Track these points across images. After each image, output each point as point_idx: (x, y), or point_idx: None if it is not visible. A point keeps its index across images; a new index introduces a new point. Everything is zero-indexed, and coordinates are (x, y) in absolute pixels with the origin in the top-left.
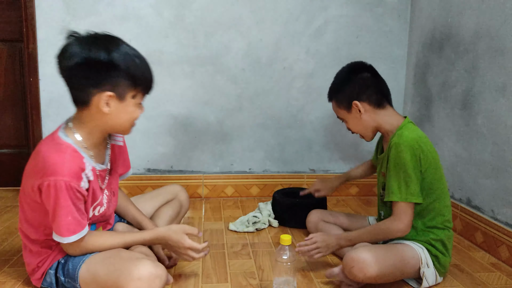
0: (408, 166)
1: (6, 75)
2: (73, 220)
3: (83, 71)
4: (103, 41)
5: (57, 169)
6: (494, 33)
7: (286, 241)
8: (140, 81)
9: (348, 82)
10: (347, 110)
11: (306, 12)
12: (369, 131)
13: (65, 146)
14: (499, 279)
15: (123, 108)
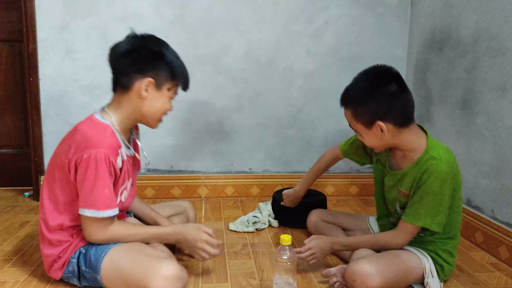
0: (444, 197)
1: (6, 75)
2: (110, 194)
3: (132, 57)
4: (154, 37)
5: (98, 142)
6: (494, 33)
7: (286, 241)
8: (178, 76)
9: (372, 96)
10: (366, 126)
11: (306, 12)
12: (384, 147)
13: (105, 125)
14: (499, 279)
15: (158, 97)
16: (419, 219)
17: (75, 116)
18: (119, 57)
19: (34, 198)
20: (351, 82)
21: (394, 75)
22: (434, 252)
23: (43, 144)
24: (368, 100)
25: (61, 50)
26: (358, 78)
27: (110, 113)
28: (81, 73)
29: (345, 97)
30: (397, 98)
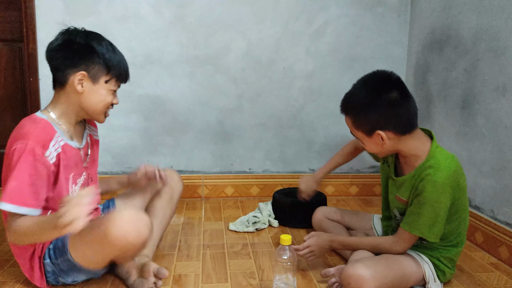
0: (442, 208)
1: (6, 75)
2: (17, 188)
3: (62, 52)
4: (85, 31)
5: (26, 135)
6: (494, 33)
7: (286, 241)
8: (114, 68)
9: (372, 106)
10: (366, 134)
11: (306, 12)
12: (386, 154)
13: (39, 119)
14: (499, 279)
15: (95, 90)
16: (416, 228)
17: None
18: (52, 53)
19: None
20: (351, 89)
21: (394, 82)
22: (436, 258)
23: None
24: (368, 110)
25: None
26: (357, 86)
27: (50, 109)
28: None
29: (345, 105)
30: (398, 106)
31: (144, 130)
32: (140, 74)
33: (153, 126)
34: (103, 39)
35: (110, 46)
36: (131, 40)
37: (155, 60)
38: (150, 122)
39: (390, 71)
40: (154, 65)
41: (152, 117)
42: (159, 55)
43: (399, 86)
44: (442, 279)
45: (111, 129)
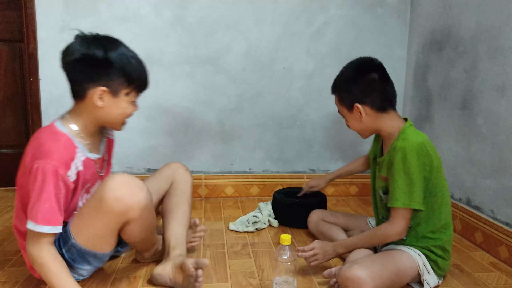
0: (413, 172)
1: (6, 75)
2: (51, 210)
3: (80, 66)
4: (102, 41)
5: (48, 154)
6: (494, 33)
7: (286, 240)
8: (134, 80)
9: (353, 82)
10: (348, 109)
11: (306, 12)
12: (367, 132)
13: (60, 135)
14: (498, 279)
15: (116, 103)
16: (397, 199)
17: None
18: (69, 66)
19: None
20: (339, 72)
21: (376, 66)
22: (426, 249)
23: None
24: (349, 85)
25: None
26: (344, 68)
27: (71, 120)
28: None
29: (333, 84)
30: (376, 84)
31: (144, 130)
32: None
33: (153, 126)
34: (120, 47)
35: (129, 56)
36: (131, 40)
37: (155, 60)
38: (150, 122)
39: (373, 58)
40: (154, 65)
41: (152, 117)
42: (159, 55)
43: (380, 70)
44: (436, 269)
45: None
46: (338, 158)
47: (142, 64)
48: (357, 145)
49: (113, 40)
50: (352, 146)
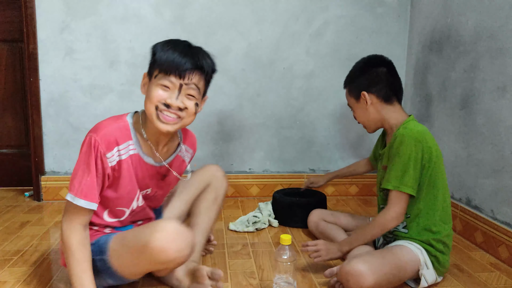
0: (408, 157)
1: (6, 75)
2: (90, 183)
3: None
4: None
5: (97, 129)
6: (494, 33)
7: (286, 240)
8: (160, 60)
9: (362, 73)
10: (355, 99)
11: (306, 12)
12: (373, 123)
13: (122, 120)
14: (498, 279)
15: (148, 87)
16: (390, 181)
17: (75, 116)
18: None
19: (34, 198)
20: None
21: (385, 61)
22: (427, 243)
23: (43, 144)
24: (358, 75)
25: (62, 50)
26: (355, 63)
27: (140, 113)
28: (81, 73)
29: (345, 78)
30: (383, 76)
31: None
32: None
33: None
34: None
35: (171, 44)
36: (131, 40)
37: None
38: None
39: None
40: None
41: None
42: None
43: (389, 65)
44: (436, 265)
45: None
46: (338, 158)
47: (182, 52)
48: (357, 145)
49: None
50: (352, 146)
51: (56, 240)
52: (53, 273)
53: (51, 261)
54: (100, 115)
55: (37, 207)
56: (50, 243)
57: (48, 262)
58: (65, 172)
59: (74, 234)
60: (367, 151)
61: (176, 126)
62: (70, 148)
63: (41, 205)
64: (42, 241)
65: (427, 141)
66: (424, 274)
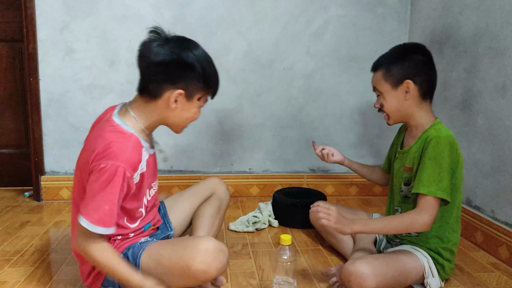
0: (445, 161)
1: (6, 75)
2: (110, 212)
3: (165, 67)
4: (184, 42)
5: (118, 155)
6: (494, 33)
7: (286, 241)
8: (210, 85)
9: (406, 59)
10: (393, 85)
11: (306, 12)
12: (400, 115)
13: (129, 135)
14: (499, 279)
15: (188, 107)
16: (425, 185)
17: (75, 116)
18: (151, 65)
19: (34, 198)
20: (386, 52)
21: (428, 53)
22: (435, 251)
23: (43, 144)
24: (404, 61)
25: (61, 50)
26: (394, 47)
27: (137, 118)
28: (81, 73)
29: (378, 61)
30: (427, 67)
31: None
32: None
33: None
34: (201, 50)
35: (209, 60)
36: (131, 40)
37: None
38: None
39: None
40: None
41: None
42: None
43: (431, 57)
44: (442, 273)
45: None
46: None
47: (216, 69)
48: (357, 145)
49: (193, 42)
50: (352, 146)
51: (56, 240)
52: (53, 273)
53: (51, 261)
54: None
55: (37, 207)
56: (50, 243)
57: (48, 262)
58: (65, 172)
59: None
60: (367, 151)
61: None
62: (70, 148)
63: (41, 205)
64: (42, 241)
65: (458, 147)
66: (430, 283)
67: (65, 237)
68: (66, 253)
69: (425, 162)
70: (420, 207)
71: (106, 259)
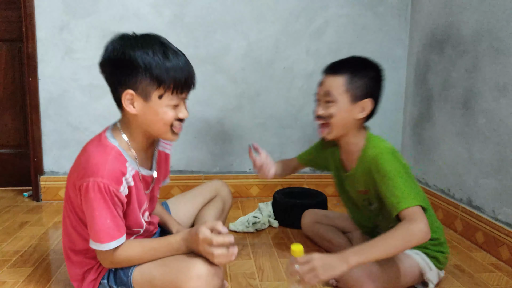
0: (401, 171)
1: (6, 75)
2: (112, 224)
3: (109, 68)
4: (134, 40)
5: (98, 170)
6: (494, 32)
7: (297, 252)
8: (164, 80)
9: (371, 75)
10: (352, 99)
11: (306, 12)
12: (342, 132)
13: (110, 148)
14: (499, 280)
15: (150, 108)
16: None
17: (75, 116)
18: (101, 68)
19: (33, 198)
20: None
21: (382, 71)
22: (423, 247)
23: (43, 144)
24: (366, 76)
25: (61, 50)
26: (352, 58)
27: (122, 130)
28: (80, 73)
29: (340, 64)
30: (382, 88)
31: None
32: None
33: None
34: (152, 44)
35: (160, 52)
36: None
37: None
38: None
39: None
40: None
41: None
42: None
43: (383, 76)
44: (438, 265)
45: None
46: None
47: (178, 60)
48: None
49: (146, 37)
50: None
51: (55, 241)
52: (52, 273)
53: (50, 262)
54: (100, 115)
55: (36, 207)
56: (49, 244)
57: (47, 263)
58: (64, 172)
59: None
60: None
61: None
62: (69, 148)
63: (40, 205)
64: (41, 241)
65: (400, 155)
66: (429, 278)
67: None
68: None
69: (386, 182)
70: (409, 219)
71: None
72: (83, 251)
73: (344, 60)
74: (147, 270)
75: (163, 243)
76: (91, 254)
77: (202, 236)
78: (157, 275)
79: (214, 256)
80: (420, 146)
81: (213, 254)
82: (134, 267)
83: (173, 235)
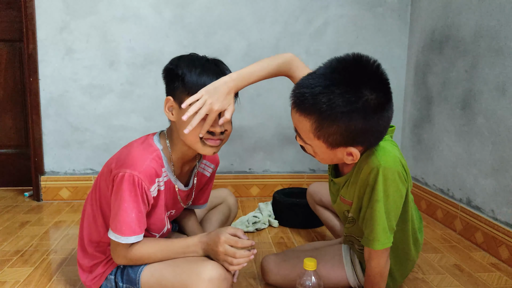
0: (395, 198)
1: (6, 75)
2: (136, 219)
3: (164, 78)
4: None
5: (136, 165)
6: (494, 33)
7: (310, 266)
8: (194, 87)
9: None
10: (329, 147)
11: (306, 12)
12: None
13: (153, 149)
14: (499, 279)
15: (182, 115)
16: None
17: (75, 116)
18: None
19: (34, 198)
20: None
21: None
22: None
23: (43, 144)
24: (343, 119)
25: (61, 50)
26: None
27: (166, 137)
28: (81, 73)
29: (305, 100)
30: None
31: (144, 130)
32: (140, 74)
33: (153, 126)
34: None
35: (201, 65)
36: (131, 40)
37: (155, 60)
38: (150, 122)
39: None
40: (154, 65)
41: (152, 117)
42: (159, 55)
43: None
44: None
45: (111, 129)
46: None
47: (209, 72)
48: None
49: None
50: None
51: (55, 240)
52: (53, 273)
53: (50, 261)
54: (100, 115)
55: (36, 207)
56: (50, 243)
57: (47, 262)
58: (64, 172)
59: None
60: None
61: (218, 149)
62: (70, 148)
63: (41, 205)
64: (41, 241)
65: (406, 172)
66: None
67: (65, 237)
68: (66, 253)
69: (372, 207)
70: (371, 257)
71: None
72: (95, 243)
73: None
74: (157, 269)
75: (179, 244)
76: (102, 248)
77: (224, 238)
78: (168, 275)
79: (236, 255)
80: (420, 146)
81: (234, 253)
82: (144, 266)
83: (191, 237)
